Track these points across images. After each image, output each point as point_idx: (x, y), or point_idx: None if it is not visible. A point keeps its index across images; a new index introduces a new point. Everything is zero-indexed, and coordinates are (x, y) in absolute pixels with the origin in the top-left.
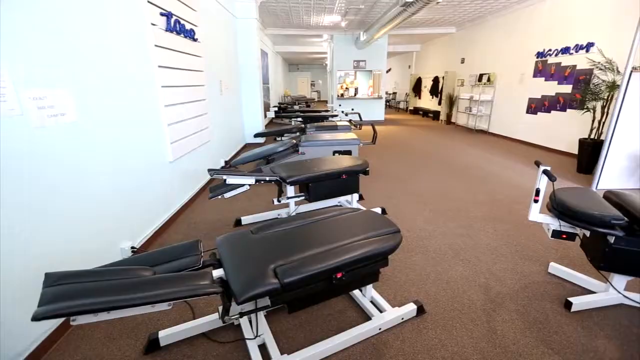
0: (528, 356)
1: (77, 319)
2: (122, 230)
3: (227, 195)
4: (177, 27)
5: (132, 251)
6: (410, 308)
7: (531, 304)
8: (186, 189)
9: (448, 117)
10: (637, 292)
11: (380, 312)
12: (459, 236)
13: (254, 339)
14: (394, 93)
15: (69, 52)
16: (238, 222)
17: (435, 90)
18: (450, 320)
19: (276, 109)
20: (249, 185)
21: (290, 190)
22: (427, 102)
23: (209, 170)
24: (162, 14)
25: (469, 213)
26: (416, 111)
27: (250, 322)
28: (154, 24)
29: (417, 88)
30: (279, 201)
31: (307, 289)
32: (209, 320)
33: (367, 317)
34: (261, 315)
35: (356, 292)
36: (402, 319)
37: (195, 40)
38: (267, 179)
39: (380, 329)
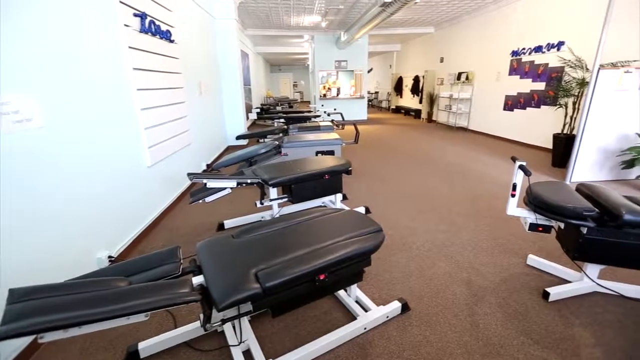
0: (509, 347)
1: (45, 336)
2: (98, 239)
3: (209, 199)
4: (152, 28)
5: (110, 260)
6: (394, 306)
7: (511, 296)
8: (166, 194)
9: (429, 115)
10: (609, 280)
11: (366, 311)
12: (441, 232)
13: (238, 345)
14: (376, 92)
15: (35, 54)
16: (221, 226)
17: (416, 89)
18: (435, 316)
19: (258, 110)
20: (231, 188)
21: (273, 192)
22: (408, 101)
23: (189, 174)
24: (135, 15)
25: (451, 209)
26: (398, 110)
27: (233, 328)
28: (127, 25)
29: (398, 87)
30: (261, 204)
31: (290, 292)
32: (191, 329)
33: (352, 317)
34: (245, 320)
35: (341, 292)
36: (387, 317)
37: (171, 41)
38: (249, 181)
39: (365, 328)
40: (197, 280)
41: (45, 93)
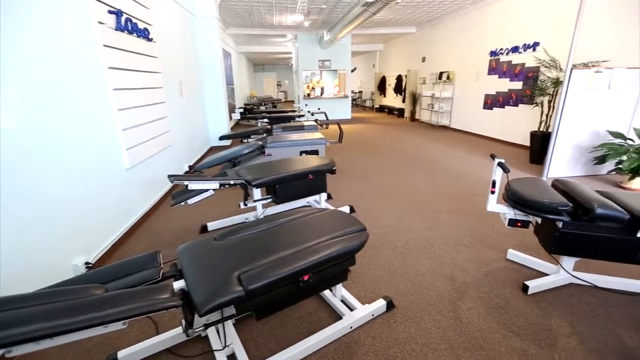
0: (491, 340)
1: (13, 349)
2: (74, 245)
3: (191, 201)
4: (128, 26)
5: (87, 267)
6: (380, 304)
7: (492, 291)
8: (147, 196)
9: (412, 114)
10: (584, 272)
11: (351, 310)
12: (425, 230)
13: (223, 349)
14: (360, 92)
15: (2, 53)
16: (204, 229)
17: (399, 89)
18: (419, 313)
19: (242, 110)
20: (214, 190)
21: (257, 193)
22: (391, 100)
23: (169, 176)
24: (110, 12)
25: (434, 207)
26: (382, 109)
27: (217, 332)
28: (101, 23)
29: (381, 86)
30: (245, 205)
31: (274, 294)
32: (174, 335)
33: (338, 317)
34: (229, 324)
35: (326, 292)
36: (373, 315)
37: (150, 40)
38: (232, 182)
39: (351, 327)
40: (178, 284)
41: (14, 94)
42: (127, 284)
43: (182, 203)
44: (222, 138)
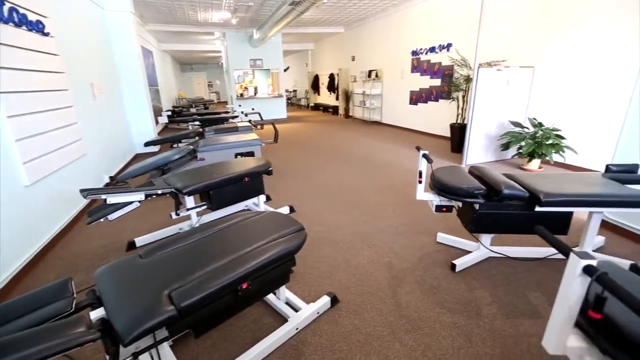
0: (427, 319)
1: None
2: None
3: (112, 216)
4: (13, 17)
5: None
6: (324, 301)
7: (426, 273)
8: (58, 215)
9: (346, 111)
10: (498, 246)
11: (296, 311)
12: (363, 222)
13: None
14: (295, 91)
15: None
16: (132, 245)
17: (332, 87)
18: (362, 304)
19: (169, 113)
20: (139, 201)
21: (190, 201)
22: (325, 98)
23: (82, 190)
24: None
25: (370, 200)
26: (317, 107)
27: (152, 358)
28: None
29: (315, 85)
30: (177, 214)
31: (211, 308)
32: None
33: (284, 320)
34: (165, 347)
35: (270, 296)
36: (318, 313)
37: (45, 34)
38: (160, 192)
39: (297, 329)
40: (97, 314)
41: None
42: (30, 323)
43: (102, 219)
44: (148, 144)
